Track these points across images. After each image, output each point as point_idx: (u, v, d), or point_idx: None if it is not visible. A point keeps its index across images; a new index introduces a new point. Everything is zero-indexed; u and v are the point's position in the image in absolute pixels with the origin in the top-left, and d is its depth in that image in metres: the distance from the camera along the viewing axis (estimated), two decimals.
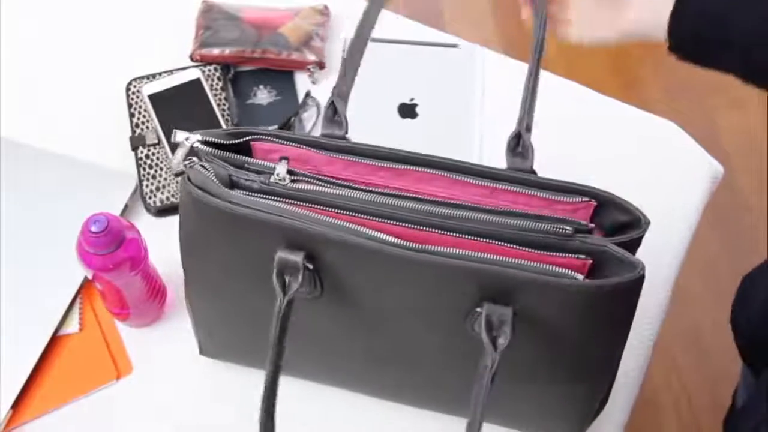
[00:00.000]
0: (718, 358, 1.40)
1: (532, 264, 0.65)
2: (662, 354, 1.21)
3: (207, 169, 0.68)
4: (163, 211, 0.93)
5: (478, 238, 0.67)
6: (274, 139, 0.71)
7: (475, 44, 1.06)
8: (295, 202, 0.68)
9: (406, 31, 1.07)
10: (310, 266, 0.67)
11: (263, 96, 1.01)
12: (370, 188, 0.69)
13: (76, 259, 0.77)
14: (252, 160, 0.70)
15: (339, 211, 0.68)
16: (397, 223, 0.67)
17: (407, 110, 1.00)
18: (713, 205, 1.01)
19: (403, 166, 0.70)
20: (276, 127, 0.97)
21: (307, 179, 0.69)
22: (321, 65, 1.01)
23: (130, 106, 0.98)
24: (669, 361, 1.50)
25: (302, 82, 1.02)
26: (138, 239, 0.78)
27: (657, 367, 1.01)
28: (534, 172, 0.71)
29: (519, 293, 0.64)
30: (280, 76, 1.02)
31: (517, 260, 0.65)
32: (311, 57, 1.01)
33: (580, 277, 0.66)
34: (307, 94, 0.99)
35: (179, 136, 0.70)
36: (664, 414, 1.42)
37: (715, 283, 1.64)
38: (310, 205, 0.68)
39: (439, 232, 0.67)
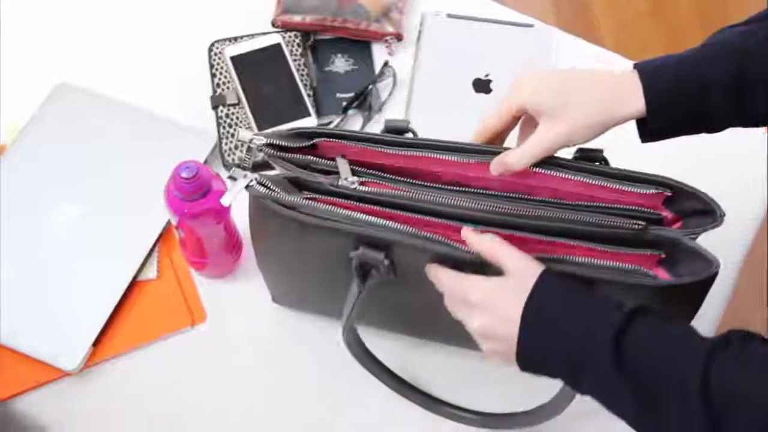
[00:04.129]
0: None
1: (602, 263, 0.67)
2: None
3: (268, 187, 0.68)
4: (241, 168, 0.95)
5: (547, 236, 0.67)
6: (339, 140, 0.71)
7: (550, 26, 1.07)
8: (365, 205, 0.69)
9: (483, 9, 1.08)
10: (387, 262, 0.69)
11: (341, 64, 1.03)
12: (438, 185, 0.69)
13: (162, 204, 0.80)
14: (316, 159, 0.71)
15: (408, 213, 0.68)
16: (465, 224, 0.68)
17: (482, 85, 1.01)
18: None
19: (467, 159, 0.71)
20: (353, 94, 0.99)
21: (375, 181, 0.70)
22: (399, 37, 1.03)
23: (212, 66, 1.01)
24: None
25: (378, 52, 1.04)
26: (224, 191, 0.80)
27: None
28: (605, 159, 0.72)
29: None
30: (358, 45, 1.04)
31: (587, 259, 0.66)
32: (389, 28, 1.03)
33: (652, 274, 0.67)
34: (386, 64, 1.01)
35: (243, 134, 0.70)
36: None
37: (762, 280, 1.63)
38: (379, 207, 0.69)
39: (507, 231, 0.67)
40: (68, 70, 1.00)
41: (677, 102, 0.68)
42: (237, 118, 0.97)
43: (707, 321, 0.89)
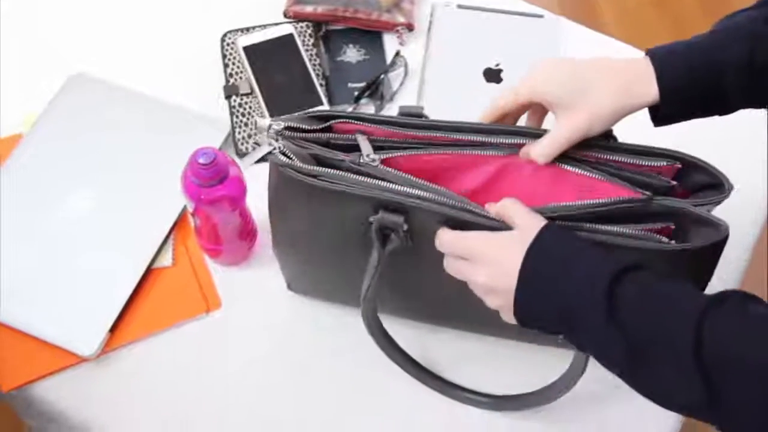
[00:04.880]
0: None
1: (613, 228, 0.67)
2: None
3: (290, 158, 0.70)
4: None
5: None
6: (355, 121, 0.73)
7: (559, 16, 1.08)
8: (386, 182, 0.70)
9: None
10: (405, 226, 0.70)
11: (352, 54, 1.04)
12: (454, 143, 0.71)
13: (178, 192, 0.80)
14: (336, 135, 0.72)
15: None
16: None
17: (492, 75, 1.02)
18: None
19: (482, 138, 0.72)
20: (364, 84, 1.00)
21: (394, 156, 0.71)
22: (410, 27, 1.04)
23: (224, 56, 1.01)
24: None
25: (390, 43, 1.05)
26: (240, 177, 0.81)
27: None
28: (615, 138, 0.73)
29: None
30: (369, 36, 1.05)
31: (598, 225, 0.67)
32: (401, 19, 1.04)
33: (665, 240, 0.68)
34: (397, 54, 1.02)
35: (261, 122, 0.72)
36: None
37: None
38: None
39: None
40: (82, 60, 1.01)
41: (690, 86, 0.69)
42: (250, 107, 0.98)
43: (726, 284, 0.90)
